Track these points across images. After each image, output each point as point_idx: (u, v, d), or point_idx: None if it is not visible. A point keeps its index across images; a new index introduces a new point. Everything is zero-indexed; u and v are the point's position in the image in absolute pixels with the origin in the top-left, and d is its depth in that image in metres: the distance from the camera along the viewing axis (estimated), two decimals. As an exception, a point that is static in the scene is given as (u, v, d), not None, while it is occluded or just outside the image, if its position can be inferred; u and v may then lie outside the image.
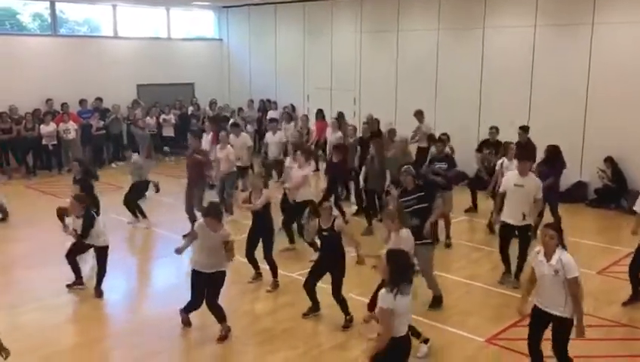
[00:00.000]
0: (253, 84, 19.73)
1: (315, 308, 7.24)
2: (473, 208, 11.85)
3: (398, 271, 4.56)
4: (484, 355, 6.35)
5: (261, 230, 8.20)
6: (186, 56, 19.62)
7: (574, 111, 12.87)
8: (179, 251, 6.88)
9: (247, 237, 8.28)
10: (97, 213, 9.18)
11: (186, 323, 6.92)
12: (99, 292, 7.84)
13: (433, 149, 10.88)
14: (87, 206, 7.78)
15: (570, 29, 12.90)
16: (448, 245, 9.77)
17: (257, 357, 6.34)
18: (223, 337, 6.60)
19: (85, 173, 9.85)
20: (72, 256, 7.92)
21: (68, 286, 7.95)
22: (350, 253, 7.07)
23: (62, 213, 7.92)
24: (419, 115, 13.81)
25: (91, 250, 8.00)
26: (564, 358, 5.41)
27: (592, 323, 6.80)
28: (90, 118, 16.46)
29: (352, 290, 7.45)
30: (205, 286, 6.64)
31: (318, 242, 7.31)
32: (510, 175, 8.31)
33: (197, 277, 6.66)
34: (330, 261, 6.98)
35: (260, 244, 8.24)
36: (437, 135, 11.93)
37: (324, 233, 6.99)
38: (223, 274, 6.65)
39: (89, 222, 7.61)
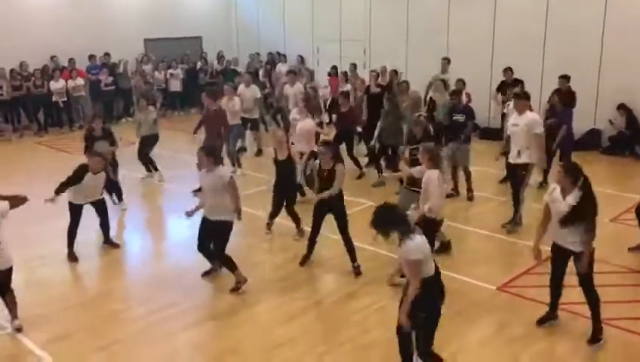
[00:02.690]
0: (261, 36, 19.46)
1: (308, 255, 7.37)
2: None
3: (398, 222, 4.60)
4: (495, 302, 6.41)
5: (286, 186, 8.20)
6: (193, 9, 19.32)
7: (590, 56, 12.63)
8: (189, 214, 6.85)
9: (272, 197, 8.28)
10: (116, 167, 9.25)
11: (207, 272, 7.04)
12: (115, 244, 7.99)
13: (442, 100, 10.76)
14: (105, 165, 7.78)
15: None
16: (470, 198, 9.70)
17: (273, 307, 6.44)
18: (236, 288, 6.69)
19: (105, 130, 9.73)
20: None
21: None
22: (361, 204, 7.08)
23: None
24: (445, 61, 13.57)
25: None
26: (591, 291, 5.47)
27: (604, 269, 6.83)
28: (99, 74, 16.40)
29: (365, 240, 7.49)
30: (209, 233, 6.70)
31: (317, 183, 7.27)
32: (511, 117, 8.33)
33: (202, 221, 6.75)
34: (328, 201, 6.99)
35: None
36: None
37: (325, 173, 6.99)
38: (225, 224, 6.61)
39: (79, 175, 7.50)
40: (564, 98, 10.11)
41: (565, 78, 11.31)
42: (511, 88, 11.67)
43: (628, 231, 7.86)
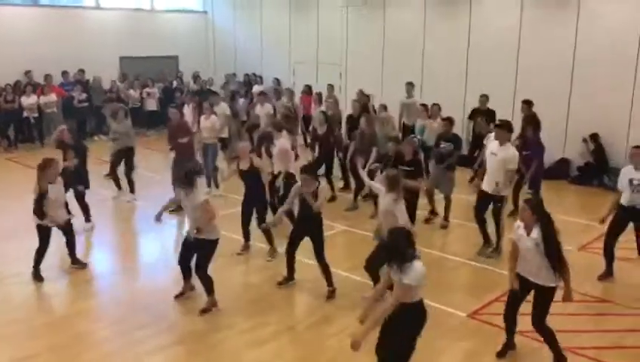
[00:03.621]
0: (239, 57, 19.54)
1: (289, 277, 7.35)
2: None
3: (403, 247, 4.65)
4: (465, 329, 6.44)
5: (254, 199, 8.20)
6: (169, 28, 19.34)
7: (560, 88, 12.95)
8: (157, 217, 6.84)
9: (241, 210, 8.31)
10: (87, 187, 9.12)
11: (181, 293, 6.98)
12: (82, 263, 7.85)
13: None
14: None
15: (557, 5, 12.91)
16: (444, 226, 9.72)
17: (245, 330, 6.37)
18: (206, 309, 6.63)
19: (76, 142, 9.61)
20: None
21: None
22: (334, 228, 7.10)
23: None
24: (410, 86, 13.77)
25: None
26: (542, 327, 5.51)
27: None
28: (72, 90, 16.23)
29: (339, 265, 7.49)
30: (191, 251, 6.67)
31: (296, 208, 7.27)
32: (491, 143, 8.42)
33: (186, 239, 6.73)
34: (308, 224, 7.02)
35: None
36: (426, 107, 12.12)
37: (304, 197, 6.99)
38: (208, 242, 6.59)
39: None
40: (529, 122, 10.20)
41: (527, 103, 11.60)
42: (482, 116, 11.93)
43: (596, 260, 7.99)
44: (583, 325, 6.50)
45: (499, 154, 8.02)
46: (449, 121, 10.14)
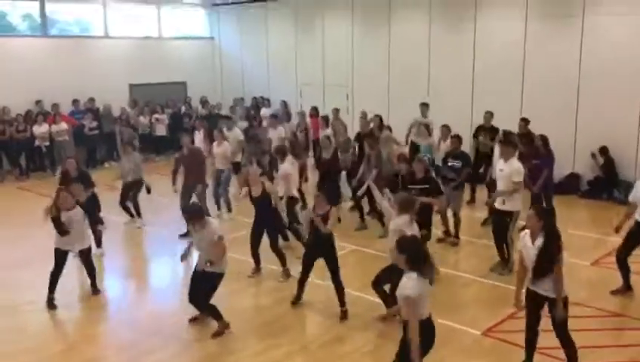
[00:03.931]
0: (246, 81, 19.71)
1: (298, 296, 7.40)
2: (472, 200, 11.93)
3: (415, 256, 4.62)
4: (480, 348, 6.38)
5: (265, 222, 8.23)
6: (177, 54, 19.57)
7: (567, 102, 12.94)
8: (183, 257, 6.88)
9: (251, 232, 8.34)
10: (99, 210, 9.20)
11: (194, 318, 6.98)
12: (97, 290, 7.89)
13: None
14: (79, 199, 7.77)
15: (561, 19, 12.95)
16: (455, 244, 9.70)
17: (257, 353, 6.35)
18: (218, 333, 6.62)
19: (81, 173, 9.72)
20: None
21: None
22: (343, 248, 7.10)
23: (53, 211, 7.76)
24: (424, 107, 13.81)
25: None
26: (566, 338, 5.46)
27: (585, 313, 6.88)
28: (82, 118, 16.43)
29: (351, 285, 7.47)
30: (200, 284, 6.66)
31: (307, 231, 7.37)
32: (499, 161, 8.47)
33: (194, 273, 6.75)
34: (320, 247, 7.06)
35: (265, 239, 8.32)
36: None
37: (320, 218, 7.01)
38: (215, 275, 6.61)
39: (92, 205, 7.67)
40: (524, 139, 10.27)
41: (525, 122, 11.77)
42: (486, 133, 12.00)
43: (609, 275, 7.92)
44: (599, 340, 6.42)
45: (505, 169, 8.10)
46: (457, 138, 10.18)
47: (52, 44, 17.15)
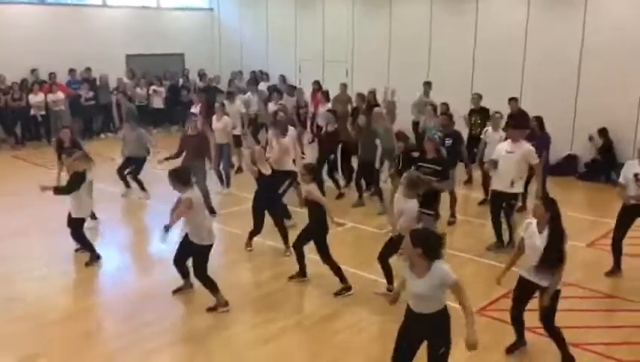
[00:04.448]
0: (245, 54, 19.54)
1: (302, 273, 7.40)
2: (469, 181, 11.96)
3: (433, 248, 4.47)
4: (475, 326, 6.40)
5: (268, 199, 8.19)
6: (175, 26, 19.34)
7: (567, 83, 12.88)
8: (167, 228, 6.52)
9: (252, 206, 8.24)
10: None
11: (179, 289, 7.01)
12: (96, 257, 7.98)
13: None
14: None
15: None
16: (451, 223, 9.68)
17: (250, 327, 6.39)
18: (214, 308, 6.63)
19: (73, 143, 9.68)
20: None
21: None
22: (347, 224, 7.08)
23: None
24: (427, 86, 13.79)
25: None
26: (551, 327, 5.49)
27: (580, 294, 6.94)
28: (79, 88, 16.28)
29: (348, 262, 7.49)
30: (186, 251, 6.69)
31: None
32: (502, 143, 8.42)
33: (184, 237, 6.76)
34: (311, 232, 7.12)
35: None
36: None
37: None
38: (200, 247, 6.55)
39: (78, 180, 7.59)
40: (517, 119, 10.22)
41: (514, 100, 11.83)
42: (476, 116, 12.00)
43: (605, 257, 7.96)
44: (593, 321, 6.47)
45: (516, 151, 8.00)
46: (448, 117, 10.19)
47: (49, 12, 16.94)
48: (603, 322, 6.56)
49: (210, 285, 6.64)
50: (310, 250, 7.34)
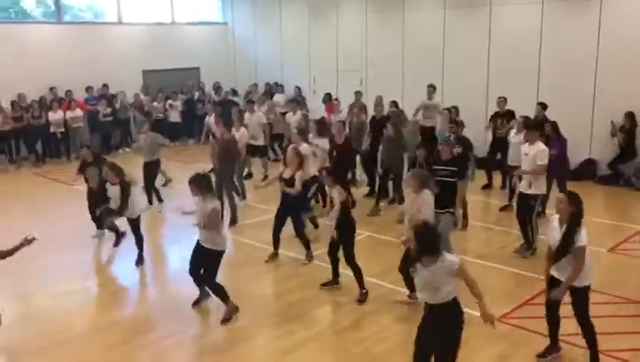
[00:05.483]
0: (259, 67, 19.65)
1: (334, 281, 7.44)
2: (489, 186, 11.98)
3: (430, 245, 4.60)
4: (495, 334, 6.35)
5: (290, 207, 8.26)
6: (191, 40, 19.54)
7: (583, 86, 12.76)
8: (186, 212, 6.85)
9: (275, 216, 8.36)
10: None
11: (196, 301, 7.04)
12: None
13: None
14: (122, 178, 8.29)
15: (577, 2, 12.77)
16: (464, 226, 9.66)
17: (272, 339, 6.39)
18: (227, 319, 6.65)
19: (96, 156, 9.86)
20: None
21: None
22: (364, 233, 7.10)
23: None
24: (431, 88, 13.79)
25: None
26: (587, 324, 5.46)
27: (602, 300, 6.84)
28: (97, 105, 16.50)
29: (366, 271, 7.47)
30: (199, 258, 6.71)
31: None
32: (523, 146, 8.55)
33: (196, 245, 6.79)
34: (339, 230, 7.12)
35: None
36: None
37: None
38: (213, 253, 6.61)
39: (128, 191, 8.16)
40: (531, 121, 10.21)
41: (542, 106, 11.74)
42: (502, 119, 11.96)
43: (627, 262, 7.87)
44: (618, 327, 6.38)
45: (530, 153, 8.21)
46: (456, 123, 10.22)
47: (66, 31, 17.19)
48: (625, 328, 6.45)
49: (220, 291, 6.67)
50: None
